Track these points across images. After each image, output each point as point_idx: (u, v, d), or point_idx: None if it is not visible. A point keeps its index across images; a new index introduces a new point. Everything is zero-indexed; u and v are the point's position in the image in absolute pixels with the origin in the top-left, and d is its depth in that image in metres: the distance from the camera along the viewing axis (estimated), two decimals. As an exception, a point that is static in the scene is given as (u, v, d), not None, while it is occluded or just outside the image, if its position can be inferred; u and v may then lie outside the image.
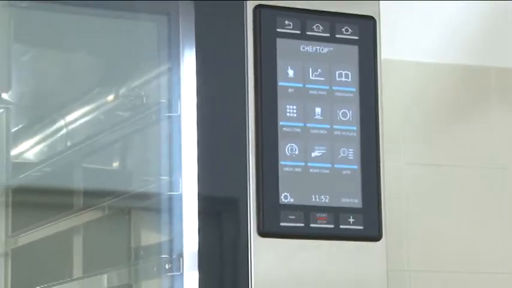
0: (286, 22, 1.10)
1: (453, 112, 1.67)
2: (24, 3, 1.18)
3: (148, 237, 1.24)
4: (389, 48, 1.29)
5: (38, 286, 1.33)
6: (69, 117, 1.37)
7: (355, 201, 1.10)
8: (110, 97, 1.33)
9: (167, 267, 1.09)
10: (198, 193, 1.06)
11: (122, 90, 1.30)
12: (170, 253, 1.10)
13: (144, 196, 1.20)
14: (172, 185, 1.11)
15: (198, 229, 1.06)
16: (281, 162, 1.08)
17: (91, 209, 1.31)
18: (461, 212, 1.63)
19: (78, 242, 1.32)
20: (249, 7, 1.09)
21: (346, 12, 1.12)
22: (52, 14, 1.23)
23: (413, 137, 1.62)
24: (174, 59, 1.11)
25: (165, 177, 1.12)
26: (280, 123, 1.08)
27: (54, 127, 1.39)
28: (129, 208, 1.28)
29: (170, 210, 1.11)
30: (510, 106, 1.71)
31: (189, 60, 1.09)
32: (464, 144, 1.66)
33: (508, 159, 1.68)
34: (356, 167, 1.11)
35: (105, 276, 1.29)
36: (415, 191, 1.60)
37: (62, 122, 1.38)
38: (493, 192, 1.66)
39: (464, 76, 1.69)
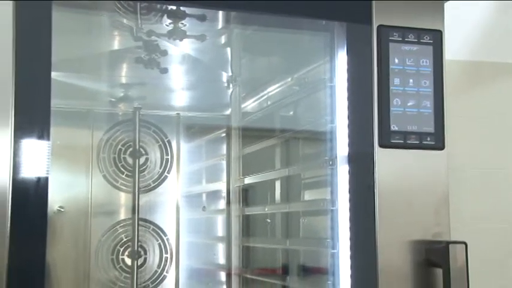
0: (395, 34, 1.06)
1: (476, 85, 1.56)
2: (253, 27, 1.17)
3: (316, 148, 1.23)
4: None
5: (257, 172, 1.36)
6: (269, 89, 1.37)
7: (430, 129, 1.06)
8: (289, 79, 1.32)
9: (330, 163, 1.09)
10: (348, 125, 1.05)
11: (296, 75, 1.29)
12: (330, 156, 1.09)
13: (312, 130, 1.19)
14: (331, 121, 1.09)
15: (348, 143, 1.05)
16: (391, 109, 1.05)
17: (281, 135, 1.32)
18: (489, 134, 1.53)
19: (277, 152, 1.34)
20: (375, 26, 1.06)
21: (426, 28, 1.08)
22: (259, 33, 1.23)
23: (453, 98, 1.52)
24: (333, 55, 1.09)
25: (327, 117, 1.11)
26: (391, 87, 1.05)
27: (261, 94, 1.40)
28: (300, 136, 1.28)
29: (331, 135, 1.09)
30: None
31: (341, 55, 1.07)
32: (484, 103, 1.54)
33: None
34: (431, 111, 1.07)
35: (287, 169, 1.30)
36: (456, 128, 1.51)
37: (265, 91, 1.39)
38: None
39: (479, 68, 1.55)
